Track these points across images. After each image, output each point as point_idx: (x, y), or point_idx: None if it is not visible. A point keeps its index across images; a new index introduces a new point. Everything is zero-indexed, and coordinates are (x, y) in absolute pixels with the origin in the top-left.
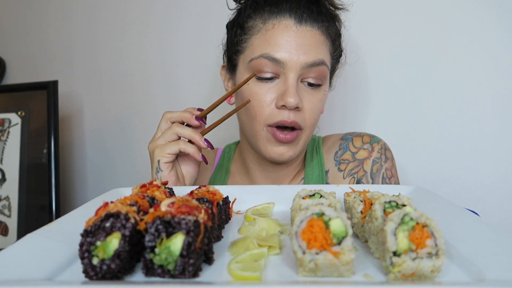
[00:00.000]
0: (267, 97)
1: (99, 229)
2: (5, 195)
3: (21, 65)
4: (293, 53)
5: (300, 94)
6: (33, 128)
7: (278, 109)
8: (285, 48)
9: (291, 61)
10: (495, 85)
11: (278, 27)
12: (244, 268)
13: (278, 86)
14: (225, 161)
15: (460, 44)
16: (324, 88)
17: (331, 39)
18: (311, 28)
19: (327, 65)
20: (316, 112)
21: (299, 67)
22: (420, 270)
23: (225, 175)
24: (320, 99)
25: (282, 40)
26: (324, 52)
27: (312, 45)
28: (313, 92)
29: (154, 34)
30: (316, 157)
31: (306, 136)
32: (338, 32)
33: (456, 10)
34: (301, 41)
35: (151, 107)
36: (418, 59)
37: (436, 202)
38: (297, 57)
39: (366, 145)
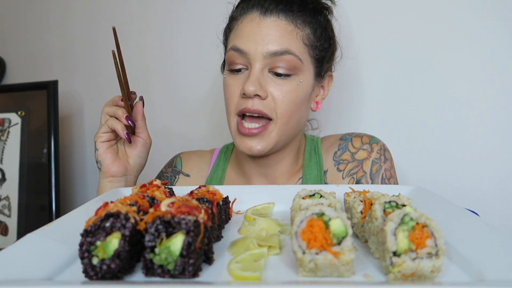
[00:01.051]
0: (235, 88)
1: (99, 229)
2: (5, 195)
3: (21, 65)
4: (258, 43)
5: (265, 83)
6: (33, 128)
7: (243, 98)
8: (249, 38)
9: (254, 50)
10: (495, 84)
11: (245, 20)
12: (244, 268)
13: (245, 76)
14: (222, 161)
15: (461, 41)
16: (299, 78)
17: (310, 29)
18: (276, 18)
19: (295, 55)
20: (287, 102)
21: (261, 56)
22: (420, 270)
23: (221, 173)
24: (292, 89)
25: (246, 32)
26: (292, 41)
27: (276, 35)
28: (282, 82)
29: (154, 34)
30: (314, 157)
31: (278, 128)
32: (320, 23)
33: (456, 8)
34: (265, 31)
35: (151, 107)
36: (419, 59)
37: (436, 202)
38: (261, 47)
39: (365, 146)
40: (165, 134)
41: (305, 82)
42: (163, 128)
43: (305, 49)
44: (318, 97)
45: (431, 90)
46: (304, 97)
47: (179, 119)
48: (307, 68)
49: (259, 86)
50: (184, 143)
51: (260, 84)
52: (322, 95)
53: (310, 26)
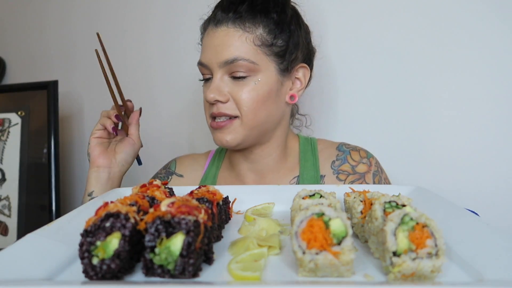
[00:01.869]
0: (205, 95)
1: (99, 229)
2: (5, 195)
3: (21, 65)
4: (212, 55)
5: (226, 88)
6: (33, 128)
7: (211, 104)
8: (206, 52)
9: (210, 62)
10: (495, 84)
11: (204, 34)
12: (244, 268)
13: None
14: (216, 160)
15: (459, 39)
16: (257, 78)
17: (262, 29)
18: (225, 27)
19: (245, 59)
20: (248, 101)
21: (217, 66)
22: (420, 270)
23: (215, 171)
24: (251, 89)
25: (204, 46)
26: (241, 47)
27: (225, 44)
28: (240, 83)
29: (155, 34)
30: (311, 158)
31: (245, 123)
32: (275, 20)
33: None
34: (216, 42)
35: (151, 107)
36: (418, 57)
37: (436, 202)
38: (215, 58)
39: (364, 160)
40: (165, 135)
41: (265, 80)
42: (163, 129)
43: (258, 50)
44: (293, 90)
45: (433, 91)
46: (268, 94)
47: (179, 120)
48: (265, 67)
49: (217, 92)
50: (184, 144)
51: (220, 90)
52: (299, 87)
53: (261, 26)
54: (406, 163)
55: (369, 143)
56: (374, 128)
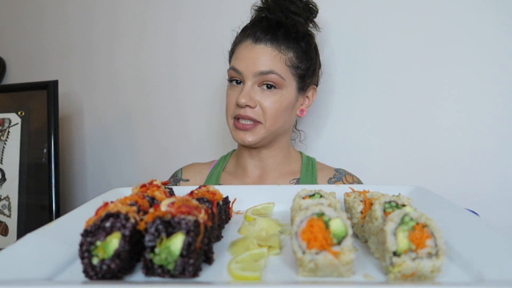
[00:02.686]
0: (233, 97)
1: (99, 229)
2: (5, 195)
3: (21, 65)
4: (249, 65)
5: (255, 95)
6: (33, 128)
7: (237, 107)
8: (243, 61)
9: (246, 70)
10: (495, 84)
11: (241, 46)
12: (244, 268)
13: (240, 89)
14: (221, 162)
15: (459, 39)
16: (282, 92)
17: (292, 53)
18: (264, 46)
19: (277, 74)
20: (272, 109)
21: (251, 75)
22: (420, 270)
23: (220, 170)
24: (276, 99)
25: (241, 55)
26: (276, 63)
27: (264, 58)
28: (268, 93)
29: (154, 34)
30: (310, 170)
31: (266, 128)
32: (302, 48)
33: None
34: (255, 56)
35: (151, 107)
36: (419, 58)
37: (436, 202)
38: (251, 67)
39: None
40: (163, 134)
41: (288, 94)
42: (161, 128)
43: (287, 69)
44: (303, 106)
45: (434, 91)
46: (287, 106)
47: (177, 119)
48: (290, 84)
49: (249, 98)
50: (182, 143)
51: (250, 96)
52: (307, 104)
53: (292, 51)
54: (406, 163)
55: (369, 143)
56: (374, 128)
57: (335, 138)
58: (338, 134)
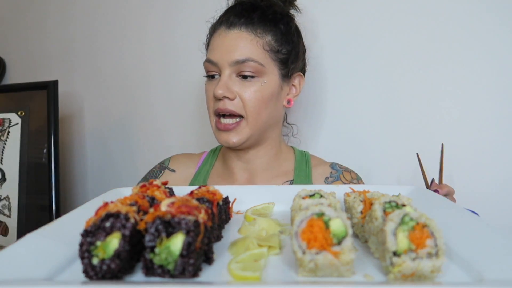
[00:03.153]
0: (211, 92)
1: (99, 229)
2: (5, 195)
3: (21, 65)
4: (223, 53)
5: (233, 86)
6: (33, 128)
7: (216, 100)
8: (217, 50)
9: (221, 60)
10: (495, 84)
11: (215, 34)
12: (244, 268)
13: (217, 81)
14: (210, 158)
15: (458, 39)
16: (263, 79)
17: (271, 36)
18: (238, 30)
19: (255, 61)
20: (253, 100)
21: (227, 64)
22: (420, 270)
23: (208, 168)
24: (257, 89)
25: (215, 45)
26: (253, 49)
27: (239, 45)
28: (248, 83)
29: (154, 34)
30: (304, 169)
31: (250, 124)
32: (280, 29)
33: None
34: (229, 43)
35: (151, 107)
36: (418, 58)
37: (436, 202)
38: (226, 57)
39: (354, 181)
40: (163, 134)
41: (270, 82)
42: (161, 128)
43: (266, 54)
44: (289, 95)
45: (433, 90)
46: (271, 96)
47: (177, 119)
48: (271, 70)
49: (226, 89)
50: (182, 143)
51: (228, 87)
52: (294, 93)
53: (270, 34)
54: (406, 163)
55: (369, 143)
56: (374, 127)
57: (334, 138)
58: (337, 134)
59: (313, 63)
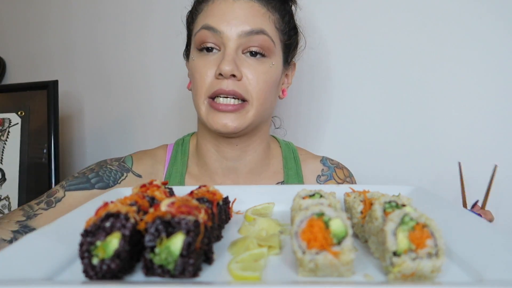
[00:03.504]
0: (208, 69)
1: (99, 229)
2: (5, 195)
3: (21, 65)
4: (231, 22)
5: (240, 64)
6: (33, 128)
7: (217, 79)
8: (222, 18)
9: (228, 29)
10: (495, 84)
11: (216, 1)
12: (244, 268)
13: (218, 57)
14: (180, 154)
15: (460, 37)
16: (271, 61)
17: (279, 14)
18: (248, 0)
19: (268, 35)
20: (261, 83)
21: (236, 35)
22: (420, 270)
23: (181, 168)
24: (265, 71)
25: (219, 11)
26: (265, 22)
27: (250, 15)
28: (256, 62)
29: (154, 34)
30: (294, 166)
31: (254, 109)
32: (287, 10)
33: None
34: (239, 12)
35: (151, 107)
36: (418, 58)
37: (436, 202)
38: (235, 26)
39: (347, 179)
40: (163, 134)
41: (276, 66)
42: (161, 128)
43: (277, 33)
44: (284, 85)
45: (433, 89)
46: (275, 81)
47: (177, 119)
48: (278, 52)
49: (235, 66)
50: None
51: (236, 64)
52: (287, 84)
53: (279, 12)
54: (406, 163)
55: (369, 143)
56: (374, 127)
57: (334, 138)
58: (338, 134)
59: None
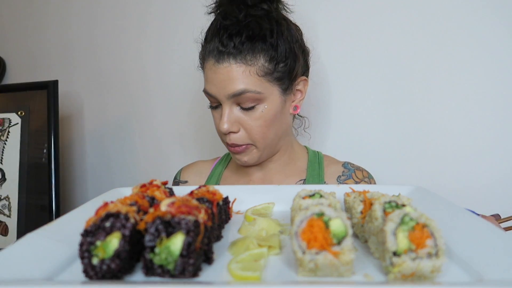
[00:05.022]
0: (217, 121)
1: (99, 229)
2: (5, 195)
3: (21, 65)
4: (218, 87)
5: (236, 119)
6: (33, 128)
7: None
8: (212, 84)
9: (218, 94)
10: (494, 84)
11: (207, 66)
12: (244, 268)
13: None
14: (221, 165)
15: (460, 38)
16: (264, 105)
17: (263, 59)
18: (227, 64)
19: (251, 91)
20: (257, 128)
21: (225, 98)
22: (420, 270)
23: (218, 176)
24: (259, 116)
25: (209, 78)
26: (246, 80)
27: (230, 79)
28: (248, 113)
29: (154, 35)
30: (317, 169)
31: (258, 147)
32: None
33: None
34: (221, 77)
35: (151, 107)
36: (418, 58)
37: (436, 202)
38: (222, 90)
39: (366, 179)
40: (163, 134)
41: (271, 105)
42: (161, 128)
43: (261, 80)
44: (295, 102)
45: (433, 90)
46: (274, 116)
47: (177, 119)
48: (270, 93)
49: (230, 124)
50: (181, 143)
51: (231, 121)
52: (300, 98)
53: (262, 56)
54: (406, 163)
55: (369, 143)
56: (374, 128)
57: (332, 140)
58: (336, 135)
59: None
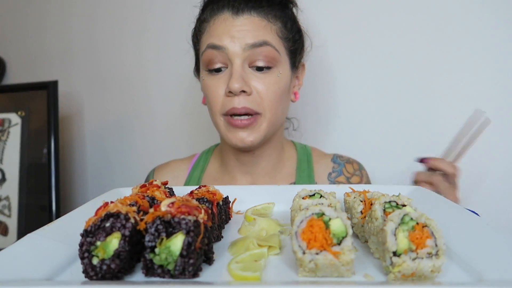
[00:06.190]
0: (218, 88)
1: (99, 229)
2: (5, 195)
3: (21, 65)
4: (234, 37)
5: (248, 79)
6: (33, 128)
7: (228, 97)
8: (225, 35)
9: (233, 45)
10: (494, 84)
11: (217, 21)
12: (244, 268)
13: (227, 75)
14: (202, 161)
15: (460, 38)
16: (278, 70)
17: (280, 23)
18: (248, 15)
19: (272, 46)
20: (271, 95)
21: (240, 50)
22: (420, 270)
23: (200, 173)
24: (274, 81)
25: (222, 29)
26: (267, 34)
27: (252, 29)
28: (263, 75)
29: (154, 35)
30: (306, 169)
31: (268, 120)
32: (289, 16)
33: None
34: (240, 27)
35: (151, 107)
36: (418, 58)
37: (436, 202)
38: (238, 40)
39: (357, 172)
40: (163, 134)
41: (284, 74)
42: (161, 128)
43: (280, 42)
44: (295, 88)
45: (433, 90)
46: (285, 88)
47: (176, 119)
48: (284, 60)
49: (243, 82)
50: (181, 143)
51: (244, 79)
52: (298, 85)
53: (280, 20)
54: (406, 163)
55: (369, 144)
56: (374, 128)
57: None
58: (336, 136)
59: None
